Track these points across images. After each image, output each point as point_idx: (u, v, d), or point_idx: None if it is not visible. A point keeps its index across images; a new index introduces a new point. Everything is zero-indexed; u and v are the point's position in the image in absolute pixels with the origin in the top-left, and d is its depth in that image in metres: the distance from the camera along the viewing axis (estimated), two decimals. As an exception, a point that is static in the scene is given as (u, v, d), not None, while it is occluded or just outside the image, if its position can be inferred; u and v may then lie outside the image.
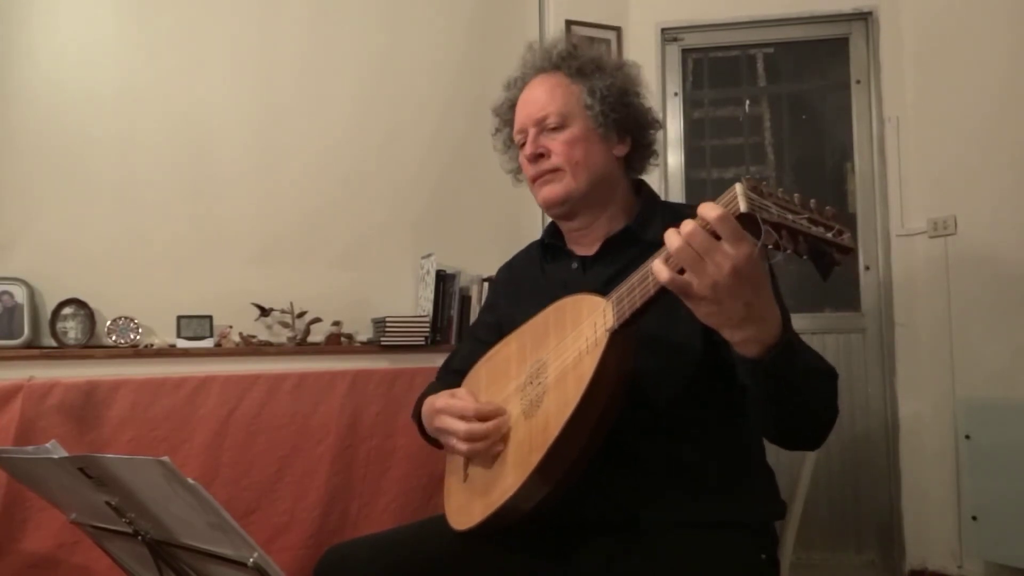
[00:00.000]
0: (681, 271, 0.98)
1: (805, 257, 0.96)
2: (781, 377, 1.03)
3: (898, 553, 2.94)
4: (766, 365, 1.01)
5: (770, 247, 0.94)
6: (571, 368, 1.16)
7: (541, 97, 1.38)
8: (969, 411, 2.66)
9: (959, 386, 2.78)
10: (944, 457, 2.83)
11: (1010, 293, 2.65)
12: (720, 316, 0.99)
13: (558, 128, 1.36)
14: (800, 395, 1.07)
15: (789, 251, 0.94)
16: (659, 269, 1.00)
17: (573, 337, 1.19)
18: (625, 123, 1.39)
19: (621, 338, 1.11)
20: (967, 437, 2.64)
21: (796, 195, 0.97)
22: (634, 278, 1.10)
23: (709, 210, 0.95)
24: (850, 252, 0.96)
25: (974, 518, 2.60)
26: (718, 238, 0.95)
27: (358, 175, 2.93)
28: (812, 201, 0.97)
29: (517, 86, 1.46)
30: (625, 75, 1.41)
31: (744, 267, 0.94)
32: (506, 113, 1.49)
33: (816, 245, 0.95)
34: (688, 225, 0.96)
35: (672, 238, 0.98)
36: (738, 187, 0.95)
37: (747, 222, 0.94)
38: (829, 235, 0.95)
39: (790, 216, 0.95)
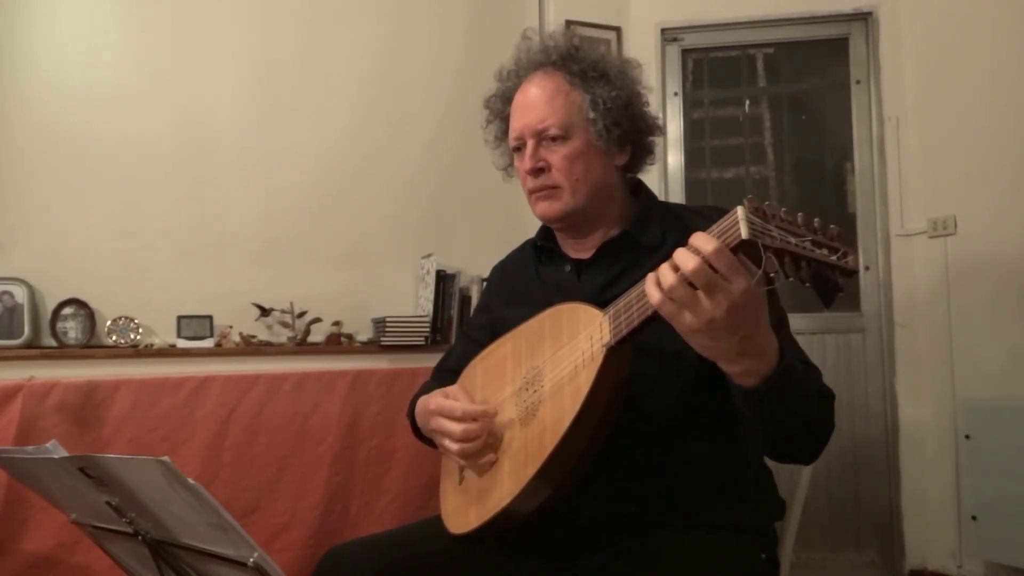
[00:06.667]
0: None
1: (807, 285, 0.92)
2: (776, 405, 1.03)
3: (898, 553, 2.95)
4: (762, 395, 1.01)
5: (772, 275, 0.91)
6: (567, 381, 1.16)
7: (541, 104, 1.32)
8: (969, 411, 2.66)
9: (959, 386, 2.78)
10: (944, 457, 2.83)
11: (1010, 293, 2.65)
12: (715, 350, 0.98)
13: (558, 139, 1.31)
14: (794, 420, 1.07)
15: (791, 279, 0.91)
16: (652, 293, 0.97)
17: (569, 348, 1.18)
18: (627, 134, 1.34)
19: (617, 354, 1.10)
20: (967, 437, 2.64)
21: (800, 214, 0.93)
22: (632, 295, 1.08)
23: (704, 242, 0.92)
24: (854, 275, 0.93)
25: (974, 518, 2.60)
26: (715, 270, 0.91)
27: (358, 175, 2.94)
28: (816, 220, 0.94)
29: (511, 79, 1.39)
30: (628, 81, 1.35)
31: (741, 303, 0.92)
32: (498, 106, 1.42)
33: (820, 271, 0.92)
34: (690, 262, 0.92)
35: (666, 274, 0.95)
36: (740, 211, 0.91)
37: (748, 248, 0.91)
38: (833, 258, 0.92)
39: (793, 240, 0.91)
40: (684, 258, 0.93)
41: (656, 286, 0.96)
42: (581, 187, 1.31)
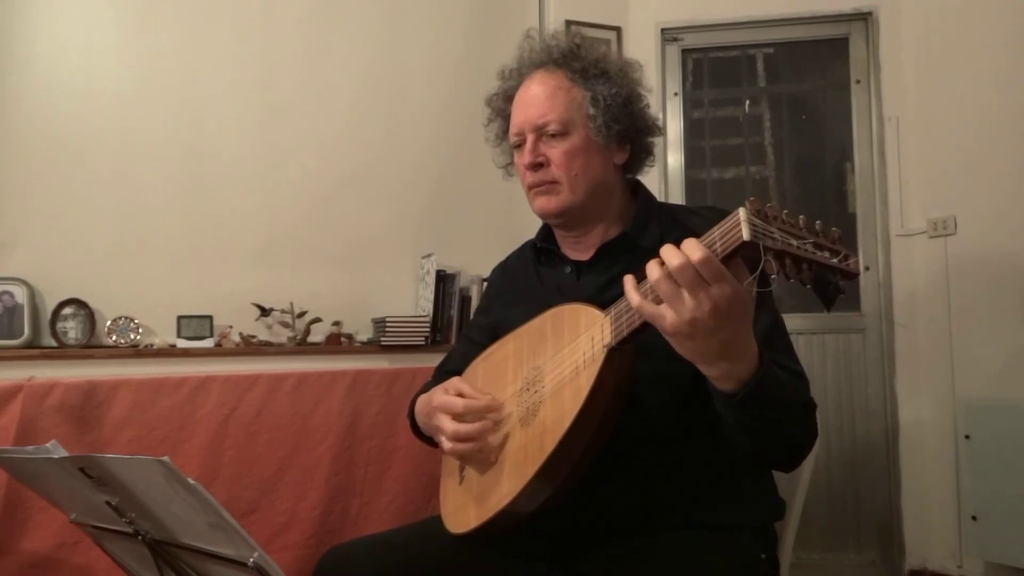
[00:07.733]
0: (659, 301, 0.96)
1: (808, 287, 0.92)
2: (754, 410, 1.03)
3: (898, 553, 2.95)
4: (739, 400, 1.01)
5: (773, 276, 0.91)
6: (568, 381, 1.16)
7: (541, 100, 1.33)
8: (969, 411, 2.66)
9: (959, 386, 2.78)
10: (944, 457, 2.83)
11: (1010, 293, 2.65)
12: (694, 351, 0.98)
13: (558, 135, 1.32)
14: (774, 427, 1.07)
15: (792, 280, 0.91)
16: (631, 296, 0.99)
17: (571, 349, 1.18)
18: (627, 132, 1.35)
19: (618, 355, 1.11)
20: (967, 437, 2.64)
21: (801, 217, 0.94)
22: None
23: (693, 250, 0.92)
24: (855, 278, 0.93)
25: (974, 518, 2.60)
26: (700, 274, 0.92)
27: (358, 175, 2.94)
28: (817, 223, 0.94)
29: (514, 78, 1.40)
30: (629, 81, 1.36)
31: (724, 307, 0.93)
32: (500, 104, 1.43)
33: (821, 274, 0.92)
34: (675, 259, 0.93)
35: (652, 269, 0.96)
36: (741, 212, 0.91)
37: (749, 249, 0.91)
38: (835, 261, 0.92)
39: (795, 242, 0.91)
40: (670, 254, 0.94)
41: (635, 290, 1.00)
42: (579, 183, 1.32)
